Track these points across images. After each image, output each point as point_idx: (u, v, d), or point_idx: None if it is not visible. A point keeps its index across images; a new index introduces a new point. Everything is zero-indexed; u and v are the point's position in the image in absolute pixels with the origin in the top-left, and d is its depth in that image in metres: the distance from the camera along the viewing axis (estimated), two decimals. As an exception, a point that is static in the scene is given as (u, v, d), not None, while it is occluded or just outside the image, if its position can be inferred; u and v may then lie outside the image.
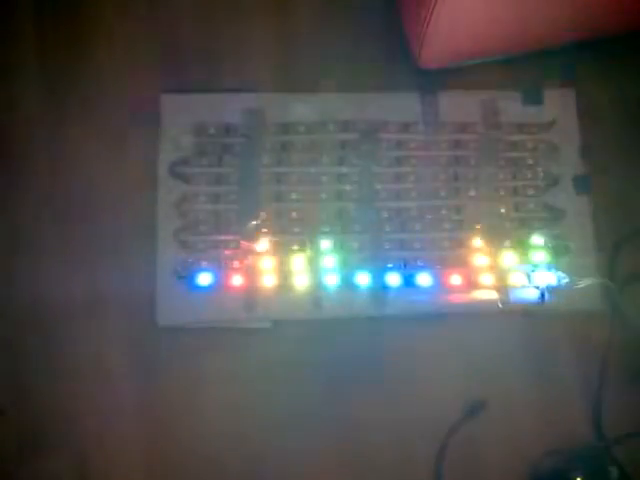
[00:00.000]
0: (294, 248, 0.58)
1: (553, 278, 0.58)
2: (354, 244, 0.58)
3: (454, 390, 0.57)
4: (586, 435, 0.57)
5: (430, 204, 0.59)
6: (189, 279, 0.57)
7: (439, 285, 0.58)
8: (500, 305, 0.58)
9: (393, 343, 0.58)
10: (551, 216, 0.60)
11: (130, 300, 0.57)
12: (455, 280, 0.58)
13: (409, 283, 0.58)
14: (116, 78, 0.62)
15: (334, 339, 0.58)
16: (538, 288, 0.58)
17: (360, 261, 0.58)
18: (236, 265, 0.57)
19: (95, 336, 0.57)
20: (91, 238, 0.59)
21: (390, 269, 0.58)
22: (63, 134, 0.60)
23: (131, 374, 0.57)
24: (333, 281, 0.57)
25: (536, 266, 0.58)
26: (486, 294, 0.58)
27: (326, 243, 0.58)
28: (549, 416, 0.57)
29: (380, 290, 0.57)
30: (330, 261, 0.58)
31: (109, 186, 0.60)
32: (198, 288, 0.57)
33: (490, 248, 0.59)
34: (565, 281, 0.58)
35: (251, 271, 0.57)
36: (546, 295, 0.58)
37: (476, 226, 0.59)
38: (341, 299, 0.57)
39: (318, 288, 0.57)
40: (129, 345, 0.57)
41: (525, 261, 0.58)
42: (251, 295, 0.57)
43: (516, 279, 0.58)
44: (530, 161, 0.60)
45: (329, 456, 0.56)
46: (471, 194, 0.60)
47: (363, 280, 0.57)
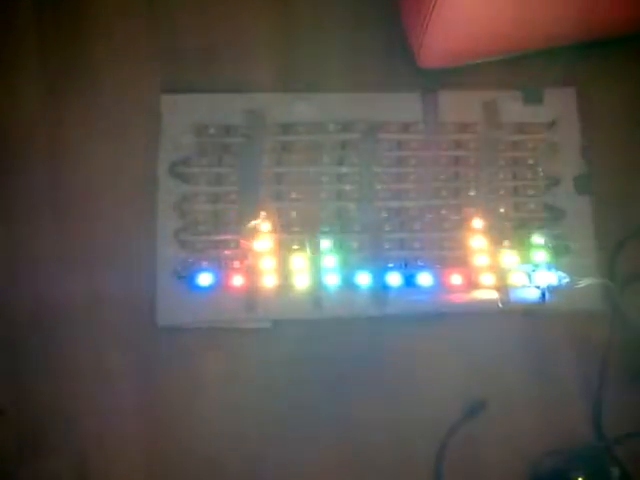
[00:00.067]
0: (294, 248, 0.58)
1: (553, 278, 0.58)
2: (354, 244, 0.58)
3: (454, 390, 0.57)
4: (586, 435, 0.57)
5: (430, 204, 0.59)
6: (189, 279, 0.57)
7: (439, 285, 0.58)
8: (500, 305, 0.58)
9: (393, 343, 0.58)
10: (551, 216, 0.60)
11: (130, 300, 0.57)
12: (455, 280, 0.58)
13: (409, 283, 0.58)
14: (116, 78, 0.62)
15: (334, 339, 0.58)
16: (538, 288, 0.58)
17: (360, 261, 0.58)
18: (236, 265, 0.57)
19: (95, 336, 0.57)
20: (91, 238, 0.59)
21: (390, 269, 0.58)
22: (63, 134, 0.60)
23: (131, 374, 0.57)
24: (333, 281, 0.57)
25: (536, 266, 0.58)
26: (486, 294, 0.58)
27: (326, 243, 0.58)
28: (549, 416, 0.57)
29: (380, 290, 0.57)
30: (330, 261, 0.58)
31: (109, 186, 0.60)
32: (198, 288, 0.57)
33: (490, 248, 0.59)
34: (565, 281, 0.58)
35: (251, 271, 0.57)
36: (546, 295, 0.58)
37: (476, 226, 0.59)
38: (341, 299, 0.57)
39: (318, 288, 0.57)
40: (129, 345, 0.57)
41: (525, 261, 0.58)
42: (251, 295, 0.57)
43: (516, 279, 0.58)
44: (530, 161, 0.60)
45: (329, 456, 0.56)
46: (471, 194, 0.60)
47: (363, 280, 0.57)
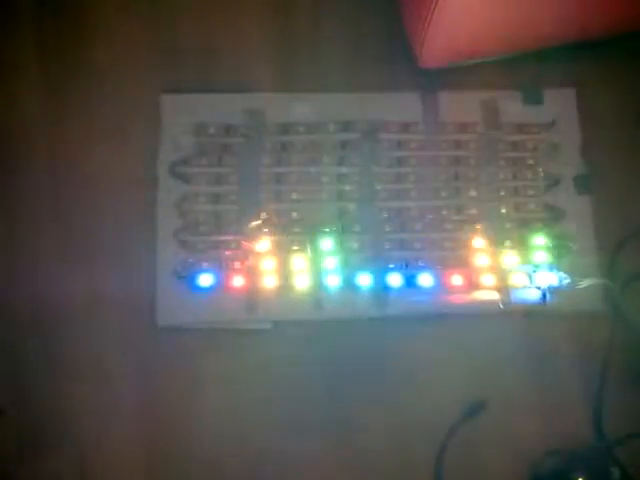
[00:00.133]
0: (294, 248, 0.58)
1: (554, 278, 0.58)
2: (354, 244, 0.58)
3: (455, 391, 0.57)
4: (587, 436, 0.57)
5: (430, 204, 0.59)
6: (189, 279, 0.57)
7: (440, 286, 0.58)
8: (501, 306, 0.57)
9: (394, 344, 0.58)
10: (552, 216, 0.60)
11: (130, 300, 0.57)
12: (456, 280, 0.58)
13: (410, 284, 0.57)
14: (116, 78, 0.62)
15: (335, 340, 0.58)
16: (539, 289, 0.58)
17: (361, 261, 0.58)
18: (237, 266, 0.57)
19: (95, 336, 0.57)
20: (91, 238, 0.59)
21: (391, 269, 0.58)
22: (63, 134, 0.60)
23: (131, 374, 0.57)
24: (334, 282, 0.57)
25: (537, 266, 0.58)
26: (487, 294, 0.58)
27: (327, 243, 0.58)
28: (550, 417, 0.57)
29: (381, 291, 0.57)
30: (331, 262, 0.57)
31: (109, 186, 0.60)
32: (198, 288, 0.57)
33: (491, 248, 0.59)
34: (566, 281, 0.57)
35: (252, 272, 0.57)
36: (547, 296, 0.58)
37: (477, 226, 0.59)
38: (342, 300, 0.57)
39: (319, 289, 0.57)
40: (129, 345, 0.57)
41: (526, 261, 0.58)
42: (252, 296, 0.57)
43: (517, 279, 0.58)
44: (530, 161, 0.60)
45: (329, 457, 0.56)
46: (471, 194, 0.60)
47: (364, 281, 0.57)
